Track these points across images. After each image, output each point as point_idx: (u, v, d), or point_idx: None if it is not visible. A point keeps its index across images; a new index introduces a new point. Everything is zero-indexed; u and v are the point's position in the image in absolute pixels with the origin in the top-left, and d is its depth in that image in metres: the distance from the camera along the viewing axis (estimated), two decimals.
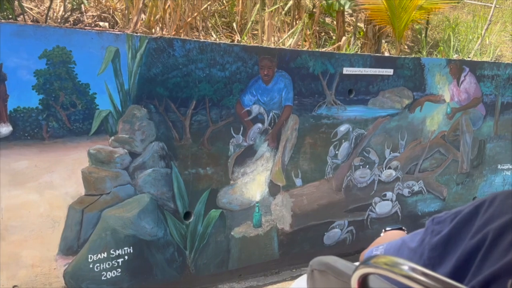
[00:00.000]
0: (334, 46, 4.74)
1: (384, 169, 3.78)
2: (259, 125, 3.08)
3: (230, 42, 4.55)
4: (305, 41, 4.74)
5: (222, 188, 3.00)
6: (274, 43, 4.39)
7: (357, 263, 1.00)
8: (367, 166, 3.68)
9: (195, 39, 2.88)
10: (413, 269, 0.64)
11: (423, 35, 6.34)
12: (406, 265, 0.65)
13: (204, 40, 3.01)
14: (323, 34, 5.26)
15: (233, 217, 3.08)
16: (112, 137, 2.55)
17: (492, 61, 4.75)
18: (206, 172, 2.91)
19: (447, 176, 4.20)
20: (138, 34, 2.68)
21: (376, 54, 4.10)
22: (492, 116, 4.38)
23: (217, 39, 4.58)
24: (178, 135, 2.77)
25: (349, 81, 3.44)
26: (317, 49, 4.71)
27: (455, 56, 6.17)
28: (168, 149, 2.75)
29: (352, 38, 4.74)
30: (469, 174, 4.35)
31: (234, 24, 4.96)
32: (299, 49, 3.94)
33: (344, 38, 4.70)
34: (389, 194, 3.85)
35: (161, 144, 2.72)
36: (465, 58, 5.75)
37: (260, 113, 3.07)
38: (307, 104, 3.27)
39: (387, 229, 1.34)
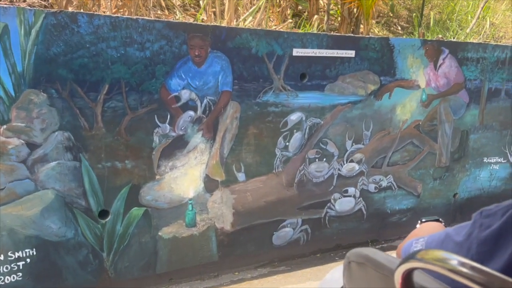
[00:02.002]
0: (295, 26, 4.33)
1: (345, 162, 3.40)
2: (191, 113, 2.74)
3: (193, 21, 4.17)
4: (272, 20, 4.32)
5: (145, 184, 2.67)
6: (230, 22, 3.99)
7: (393, 254, 1.03)
8: (324, 159, 3.30)
9: (106, 14, 2.53)
10: (465, 265, 0.61)
11: (414, 14, 5.83)
12: (457, 260, 0.62)
13: (117, 15, 2.65)
14: (294, 13, 4.82)
15: (160, 216, 2.76)
16: (4, 126, 2.24)
17: (478, 42, 4.26)
18: (125, 165, 2.59)
19: (422, 170, 3.79)
20: (34, 8, 2.34)
21: (334, 34, 3.68)
22: (477, 104, 3.93)
23: (181, 19, 4.21)
24: (87, 124, 2.44)
25: (301, 64, 3.04)
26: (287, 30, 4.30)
27: (454, 39, 5.66)
28: (76, 140, 2.43)
29: (325, 17, 4.31)
30: (448, 168, 3.93)
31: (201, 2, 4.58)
32: (237, 26, 3.54)
33: (315, 17, 4.27)
34: (351, 190, 3.48)
35: (67, 134, 2.40)
36: (459, 40, 5.24)
37: (191, 99, 2.72)
38: (250, 89, 2.90)
39: (423, 220, 1.31)
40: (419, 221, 1.30)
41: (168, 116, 2.66)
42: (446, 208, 4.04)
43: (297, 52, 2.99)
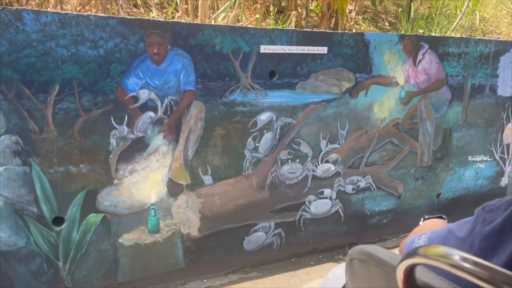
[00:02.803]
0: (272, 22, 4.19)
1: (319, 163, 3.27)
2: (151, 113, 2.61)
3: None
4: (249, 18, 4.19)
5: (103, 189, 2.55)
6: (204, 19, 3.86)
7: (396, 251, 1.02)
8: (298, 160, 3.17)
9: (54, 11, 2.40)
10: (468, 260, 0.60)
11: (400, 9, 5.69)
12: (459, 255, 0.61)
13: (66, 12, 2.52)
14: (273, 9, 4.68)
15: (120, 222, 2.64)
16: None
17: (460, 36, 4.12)
18: (80, 170, 2.46)
19: (403, 170, 3.66)
20: None
21: (305, 29, 3.55)
22: (459, 100, 3.79)
23: (156, 17, 4.08)
24: (37, 127, 2.32)
25: (270, 61, 2.91)
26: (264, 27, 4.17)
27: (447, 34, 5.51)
28: (25, 144, 2.30)
29: (304, 13, 4.18)
30: (431, 167, 3.80)
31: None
32: (200, 23, 3.41)
33: (293, 13, 4.14)
34: (327, 192, 3.35)
35: (14, 137, 2.27)
36: (443, 35, 5.10)
37: (151, 100, 2.59)
38: (215, 88, 2.78)
39: (426, 217, 1.29)
40: (422, 218, 1.28)
41: (126, 117, 2.54)
42: (429, 209, 3.90)
43: (264, 49, 2.86)
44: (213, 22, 3.79)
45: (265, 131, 3.00)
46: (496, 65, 3.89)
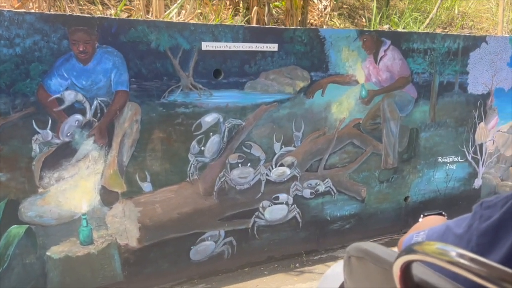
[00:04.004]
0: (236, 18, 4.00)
1: (274, 166, 3.08)
2: (78, 116, 2.42)
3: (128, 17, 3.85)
4: (211, 15, 3.99)
5: (26, 199, 2.36)
6: (159, 15, 3.67)
7: (395, 249, 1.00)
8: (249, 164, 2.99)
9: None
10: (464, 256, 0.60)
11: (373, 4, 5.51)
12: (455, 252, 0.61)
13: None
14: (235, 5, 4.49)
15: (47, 233, 2.45)
16: None
17: (424, 31, 3.93)
18: None
19: (366, 172, 3.48)
20: None
21: (252, 25, 3.36)
22: (427, 99, 3.61)
23: (113, 15, 3.89)
24: None
25: (214, 59, 2.73)
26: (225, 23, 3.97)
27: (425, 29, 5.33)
28: None
29: (266, 9, 3.99)
30: (397, 169, 3.62)
31: None
32: (131, 18, 3.22)
33: (255, 9, 3.95)
34: (283, 197, 3.17)
35: None
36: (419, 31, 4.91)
37: (78, 101, 2.40)
38: (152, 88, 2.59)
39: (426, 214, 1.27)
40: (421, 215, 1.27)
41: (50, 121, 2.35)
42: (396, 213, 3.73)
43: (207, 46, 2.67)
44: (175, 19, 3.60)
45: (211, 133, 2.81)
46: (465, 62, 3.71)
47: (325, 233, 3.41)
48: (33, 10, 3.29)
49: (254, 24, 3.91)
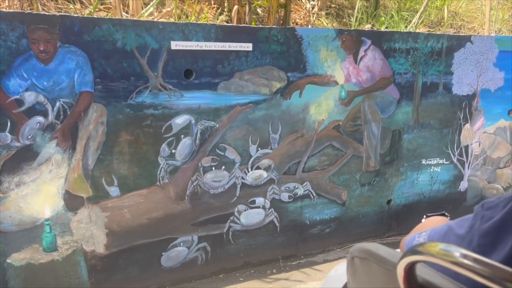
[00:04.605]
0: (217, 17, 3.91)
1: (249, 169, 2.99)
2: (39, 118, 2.32)
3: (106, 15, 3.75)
4: (184, 13, 3.90)
5: None
6: (137, 14, 3.57)
7: (398, 250, 1.04)
8: (223, 167, 2.90)
9: None
10: (468, 257, 0.60)
11: (359, 3, 5.42)
12: (459, 252, 0.62)
13: None
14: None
15: (7, 240, 2.35)
16: None
17: (407, 31, 3.83)
18: None
19: (347, 175, 3.40)
20: None
21: (225, 24, 3.27)
22: (409, 100, 3.53)
23: (91, 14, 3.79)
24: None
25: (184, 59, 2.63)
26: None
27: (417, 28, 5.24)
28: None
29: (247, 8, 3.90)
30: (379, 172, 3.53)
31: None
32: (96, 16, 3.12)
33: (236, 7, 3.85)
34: (259, 200, 3.08)
35: None
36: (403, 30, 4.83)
37: (39, 103, 2.31)
38: (119, 89, 2.50)
39: (428, 214, 1.27)
40: (424, 216, 1.27)
41: (8, 123, 2.25)
42: (378, 217, 3.65)
43: (176, 45, 2.58)
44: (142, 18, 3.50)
45: (182, 136, 2.72)
46: (450, 62, 3.63)
47: (304, 238, 3.33)
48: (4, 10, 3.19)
49: (235, 24, 3.82)
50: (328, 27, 4.73)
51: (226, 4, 4.62)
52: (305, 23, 4.98)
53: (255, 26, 3.00)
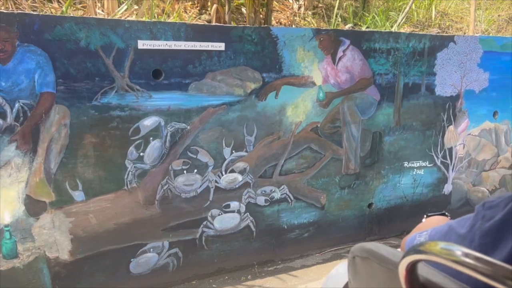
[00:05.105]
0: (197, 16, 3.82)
1: (223, 173, 2.91)
2: None
3: (82, 15, 3.65)
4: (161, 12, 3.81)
5: None
6: (112, 13, 3.48)
7: (398, 249, 1.06)
8: (195, 171, 2.81)
9: None
10: (470, 255, 0.60)
11: (345, 3, 5.35)
12: (461, 251, 0.62)
13: None
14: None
15: None
16: None
17: (387, 30, 3.74)
18: None
19: (326, 178, 3.32)
20: None
21: (196, 23, 3.19)
22: (390, 101, 3.45)
23: (64, 12, 3.69)
24: None
25: (152, 59, 2.55)
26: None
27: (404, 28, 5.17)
28: None
29: (226, 7, 3.81)
30: (359, 175, 3.45)
31: None
32: (57, 14, 3.03)
33: (215, 6, 3.76)
34: (234, 205, 2.99)
35: None
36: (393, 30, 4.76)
37: None
38: (83, 90, 2.40)
39: (429, 214, 1.25)
40: (424, 215, 1.27)
41: None
42: (359, 220, 3.57)
43: (143, 44, 2.49)
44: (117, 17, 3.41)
45: (151, 138, 2.63)
46: (432, 62, 3.56)
47: (281, 243, 3.24)
48: None
49: (214, 23, 3.73)
50: (312, 27, 4.65)
51: (209, 4, 4.54)
52: (289, 23, 4.90)
53: (228, 25, 2.92)
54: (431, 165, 3.81)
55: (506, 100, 4.05)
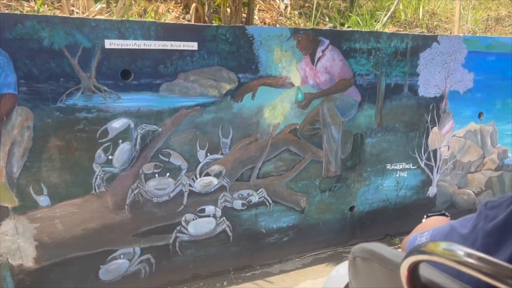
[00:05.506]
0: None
1: (198, 176, 2.83)
2: None
3: (60, 14, 3.56)
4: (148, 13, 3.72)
5: None
6: (86, 11, 3.38)
7: (399, 249, 1.12)
8: (168, 174, 2.73)
9: None
10: (473, 256, 0.60)
11: (330, 3, 5.28)
12: (463, 251, 0.62)
13: None
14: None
15: None
16: None
17: (368, 30, 3.66)
18: None
19: (306, 181, 3.24)
20: None
21: (167, 22, 3.10)
22: (372, 102, 3.38)
23: (37, 11, 3.60)
24: None
25: (121, 59, 2.46)
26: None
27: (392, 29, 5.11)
28: None
29: (206, 6, 3.72)
30: (340, 177, 3.38)
31: None
32: (18, 13, 2.94)
33: (194, 5, 3.68)
34: (210, 209, 2.91)
35: None
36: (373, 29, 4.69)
37: None
38: (46, 91, 2.31)
39: (429, 214, 1.25)
40: (424, 216, 1.26)
41: None
42: (341, 224, 3.49)
43: (111, 44, 2.40)
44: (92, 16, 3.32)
45: (120, 141, 2.55)
46: (415, 63, 3.49)
47: (259, 247, 3.16)
48: None
49: (193, 22, 3.65)
50: (297, 27, 4.57)
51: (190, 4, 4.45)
52: (273, 22, 4.83)
53: (201, 24, 2.84)
54: (415, 167, 3.75)
55: (492, 101, 4.00)
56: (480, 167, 4.17)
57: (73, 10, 3.66)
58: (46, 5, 3.71)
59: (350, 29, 4.34)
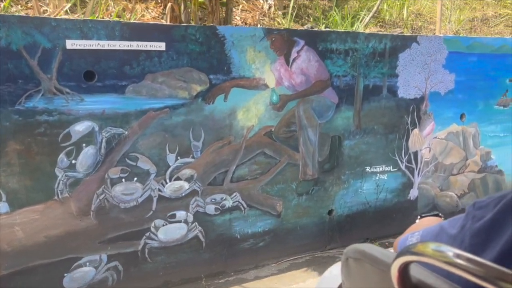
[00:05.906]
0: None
1: (168, 181, 2.74)
2: None
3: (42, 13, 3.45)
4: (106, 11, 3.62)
5: None
6: (58, 12, 3.29)
7: (391, 249, 1.12)
8: (135, 179, 2.64)
9: None
10: (461, 256, 0.61)
11: (314, 2, 5.22)
12: (452, 252, 0.63)
13: None
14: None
15: None
16: None
17: (345, 30, 3.60)
18: None
19: (282, 184, 3.17)
20: None
21: (133, 21, 3.02)
22: (350, 104, 3.31)
23: (4, 10, 3.50)
24: None
25: (84, 60, 2.37)
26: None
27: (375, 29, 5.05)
28: None
29: (182, 6, 3.64)
30: (317, 180, 3.31)
31: None
32: None
33: (169, 5, 3.59)
34: (181, 214, 2.83)
35: None
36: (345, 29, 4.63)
37: None
38: (4, 93, 2.22)
39: (422, 215, 1.28)
40: (418, 216, 1.29)
41: None
42: (319, 228, 3.42)
43: (73, 44, 2.31)
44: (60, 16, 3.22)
45: (84, 144, 2.46)
46: (394, 63, 3.43)
47: (234, 253, 3.08)
48: None
49: (168, 22, 3.56)
50: (281, 27, 4.50)
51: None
52: (255, 23, 4.75)
53: (168, 24, 2.76)
54: (395, 169, 3.69)
55: (474, 102, 3.95)
56: (463, 169, 4.12)
57: (46, 10, 3.57)
58: (19, 6, 3.61)
59: (327, 29, 4.28)
